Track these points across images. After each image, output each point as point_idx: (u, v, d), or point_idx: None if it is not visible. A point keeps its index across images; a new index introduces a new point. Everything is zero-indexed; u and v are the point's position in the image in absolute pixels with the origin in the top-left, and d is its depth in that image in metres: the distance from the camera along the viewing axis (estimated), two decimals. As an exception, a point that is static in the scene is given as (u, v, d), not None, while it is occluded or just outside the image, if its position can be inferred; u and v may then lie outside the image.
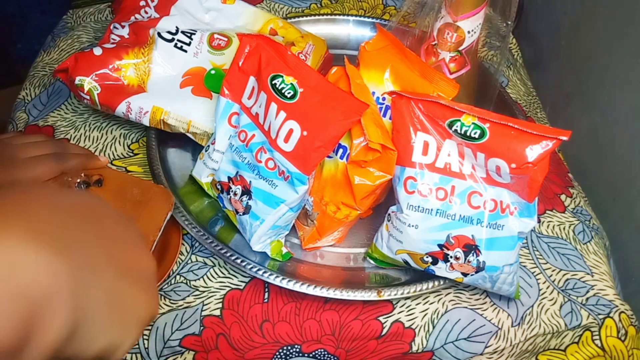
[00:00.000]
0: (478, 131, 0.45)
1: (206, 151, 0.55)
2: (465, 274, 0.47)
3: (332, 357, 0.50)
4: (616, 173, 0.75)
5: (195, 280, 0.52)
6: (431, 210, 0.47)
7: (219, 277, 0.52)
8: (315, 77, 0.49)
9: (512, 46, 0.82)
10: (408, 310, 0.51)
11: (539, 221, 0.59)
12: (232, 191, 0.52)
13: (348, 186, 0.51)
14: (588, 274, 0.55)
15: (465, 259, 0.47)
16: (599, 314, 0.52)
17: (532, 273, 0.55)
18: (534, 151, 0.43)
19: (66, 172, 0.52)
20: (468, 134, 0.45)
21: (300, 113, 0.47)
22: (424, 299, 0.52)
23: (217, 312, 0.50)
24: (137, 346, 0.48)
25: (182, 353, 0.49)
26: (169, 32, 0.59)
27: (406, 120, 0.48)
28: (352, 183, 0.50)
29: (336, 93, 0.48)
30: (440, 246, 0.47)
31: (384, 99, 0.53)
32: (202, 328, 0.49)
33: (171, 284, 0.51)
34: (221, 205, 0.54)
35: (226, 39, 0.60)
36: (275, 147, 0.48)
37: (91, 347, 0.25)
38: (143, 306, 0.29)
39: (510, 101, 0.67)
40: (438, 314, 0.51)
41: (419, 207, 0.47)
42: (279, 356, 0.50)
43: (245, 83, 0.52)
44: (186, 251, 0.53)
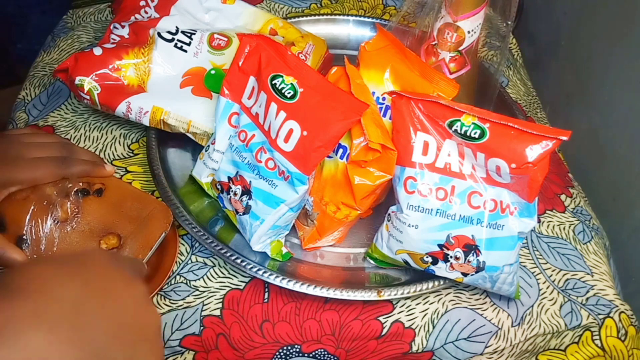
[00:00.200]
0: (478, 131, 0.45)
1: (206, 151, 0.55)
2: (465, 274, 0.47)
3: (332, 357, 0.50)
4: (616, 173, 0.75)
5: (195, 280, 0.52)
6: (431, 210, 0.47)
7: (219, 277, 0.52)
8: (315, 77, 0.49)
9: (512, 46, 0.82)
10: (408, 310, 0.51)
11: (539, 221, 0.59)
12: (232, 191, 0.52)
13: (348, 186, 0.51)
14: (588, 274, 0.55)
15: (465, 259, 0.47)
16: (599, 314, 0.52)
17: (532, 273, 0.55)
18: (534, 151, 0.43)
19: (67, 178, 0.52)
20: (468, 134, 0.45)
21: (300, 113, 0.47)
22: (424, 299, 0.52)
23: (217, 312, 0.50)
24: (137, 346, 0.48)
25: (182, 353, 0.49)
26: (169, 32, 0.59)
27: (406, 120, 0.48)
28: (352, 183, 0.50)
29: (336, 93, 0.48)
30: (440, 246, 0.47)
31: (384, 99, 0.53)
32: (202, 328, 0.49)
33: (171, 284, 0.51)
34: (221, 205, 0.54)
35: (226, 39, 0.60)
36: (275, 147, 0.48)
37: None
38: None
39: (510, 101, 0.67)
40: (438, 314, 0.51)
41: (419, 207, 0.47)
42: (279, 356, 0.50)
43: (245, 83, 0.52)
44: (186, 251, 0.53)
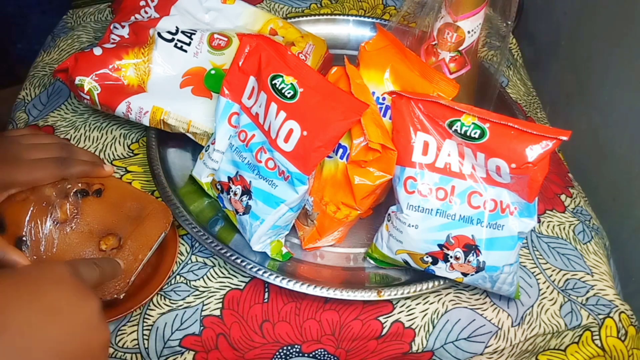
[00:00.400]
0: (478, 131, 0.45)
1: (206, 151, 0.55)
2: (465, 274, 0.47)
3: (332, 357, 0.50)
4: (616, 173, 0.75)
5: (195, 280, 0.52)
6: (431, 210, 0.47)
7: (219, 277, 0.52)
8: (315, 77, 0.49)
9: (512, 46, 0.82)
10: (408, 310, 0.51)
11: (539, 221, 0.59)
12: (232, 191, 0.52)
13: (348, 186, 0.51)
14: (588, 274, 0.55)
15: (465, 259, 0.47)
16: (599, 314, 0.52)
17: (532, 273, 0.55)
18: (534, 151, 0.43)
19: (66, 179, 0.52)
20: (468, 134, 0.45)
21: (300, 113, 0.47)
22: (424, 299, 0.52)
23: (217, 312, 0.50)
24: (137, 346, 0.48)
25: (182, 353, 0.49)
26: (169, 32, 0.59)
27: (406, 120, 0.48)
28: (352, 183, 0.50)
29: (336, 93, 0.48)
30: (440, 246, 0.47)
31: (384, 99, 0.53)
32: (202, 328, 0.49)
33: (171, 284, 0.51)
34: (221, 205, 0.54)
35: (226, 39, 0.60)
36: (275, 147, 0.48)
37: None
38: None
39: (510, 101, 0.67)
40: (438, 314, 0.51)
41: (419, 207, 0.47)
42: (279, 356, 0.50)
43: (245, 83, 0.52)
44: (186, 251, 0.53)
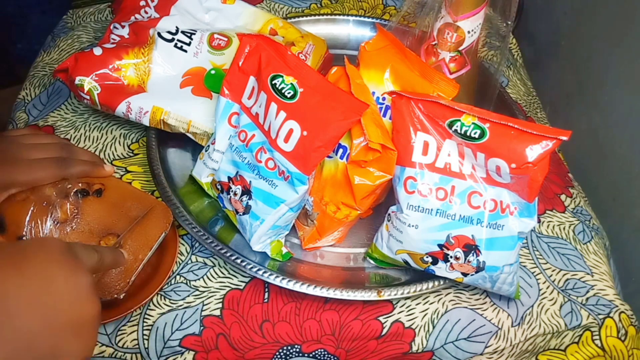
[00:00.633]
0: (478, 131, 0.45)
1: (206, 151, 0.55)
2: (465, 274, 0.47)
3: (332, 357, 0.50)
4: (616, 173, 0.75)
5: (195, 280, 0.52)
6: (431, 210, 0.47)
7: (219, 277, 0.52)
8: (315, 77, 0.49)
9: (512, 46, 0.82)
10: (408, 310, 0.51)
11: (539, 221, 0.59)
12: (232, 191, 0.52)
13: (348, 186, 0.51)
14: (588, 274, 0.55)
15: (465, 259, 0.47)
16: (599, 314, 0.52)
17: (532, 273, 0.55)
18: (534, 151, 0.43)
19: (67, 178, 0.52)
20: (468, 134, 0.45)
21: (300, 113, 0.47)
22: (424, 299, 0.52)
23: (217, 312, 0.50)
24: (137, 346, 0.48)
25: (182, 353, 0.49)
26: (169, 32, 0.59)
27: (406, 120, 0.48)
28: (352, 183, 0.50)
29: (336, 93, 0.48)
30: (440, 246, 0.47)
31: (384, 99, 0.53)
32: (202, 328, 0.49)
33: (171, 284, 0.51)
34: (221, 205, 0.54)
35: (226, 39, 0.60)
36: (275, 147, 0.48)
37: None
38: (73, 353, 0.33)
39: (510, 101, 0.67)
40: (438, 314, 0.51)
41: (419, 207, 0.47)
42: (279, 356, 0.50)
43: (245, 83, 0.52)
44: (186, 251, 0.53)
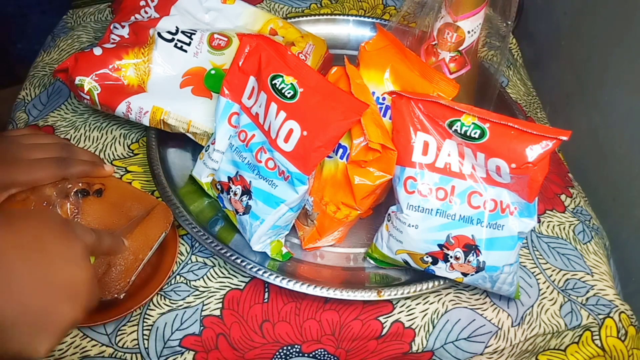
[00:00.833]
0: (478, 131, 0.45)
1: (206, 151, 0.55)
2: (465, 274, 0.47)
3: (332, 357, 0.50)
4: (616, 173, 0.75)
5: (195, 280, 0.52)
6: (431, 210, 0.47)
7: (219, 277, 0.52)
8: (315, 77, 0.49)
9: (512, 46, 0.82)
10: (408, 310, 0.51)
11: (539, 221, 0.59)
12: (232, 191, 0.52)
13: (348, 186, 0.51)
14: (588, 274, 0.55)
15: (465, 259, 0.47)
16: (599, 314, 0.52)
17: (532, 273, 0.55)
18: (534, 151, 0.43)
19: (67, 178, 0.52)
20: (468, 134, 0.45)
21: (300, 113, 0.47)
22: (424, 299, 0.52)
23: (217, 312, 0.50)
24: (137, 346, 0.48)
25: (182, 353, 0.49)
26: (169, 32, 0.59)
27: (406, 120, 0.48)
28: (352, 183, 0.50)
29: (336, 93, 0.48)
30: (440, 246, 0.47)
31: (384, 99, 0.53)
32: (202, 328, 0.49)
33: (171, 284, 0.51)
34: (221, 205, 0.54)
35: (226, 39, 0.60)
36: (275, 147, 0.48)
37: (8, 346, 0.31)
38: (64, 315, 0.33)
39: (510, 101, 0.67)
40: (438, 314, 0.51)
41: (419, 207, 0.47)
42: (279, 356, 0.50)
43: (245, 83, 0.52)
44: (186, 251, 0.53)
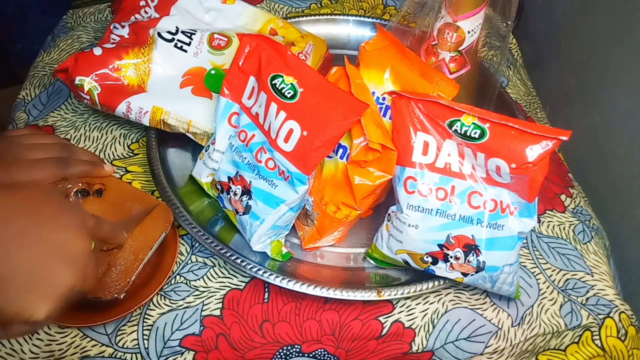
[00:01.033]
0: (478, 131, 0.45)
1: (206, 151, 0.55)
2: (465, 274, 0.47)
3: (332, 357, 0.50)
4: (616, 173, 0.75)
5: (195, 280, 0.52)
6: (431, 210, 0.47)
7: (219, 277, 0.52)
8: (315, 77, 0.49)
9: (512, 46, 0.82)
10: (408, 310, 0.51)
11: (539, 221, 0.59)
12: (232, 191, 0.52)
13: (348, 186, 0.51)
14: (588, 274, 0.55)
15: (465, 259, 0.47)
16: (599, 314, 0.52)
17: (532, 273, 0.55)
18: (534, 151, 0.43)
19: (67, 178, 0.52)
20: (468, 134, 0.45)
21: (300, 113, 0.47)
22: (424, 299, 0.52)
23: (217, 312, 0.50)
24: (137, 346, 0.48)
25: (182, 353, 0.49)
26: (169, 32, 0.59)
27: (406, 120, 0.48)
28: (352, 183, 0.50)
29: (336, 93, 0.48)
30: (440, 246, 0.47)
31: (384, 99, 0.53)
32: (202, 328, 0.49)
33: (171, 284, 0.51)
34: (221, 205, 0.54)
35: (226, 39, 0.60)
36: (275, 147, 0.48)
37: (8, 307, 0.33)
38: (61, 277, 0.35)
39: (510, 101, 0.67)
40: (438, 314, 0.51)
41: (419, 207, 0.47)
42: (279, 356, 0.50)
43: (245, 83, 0.52)
44: (186, 251, 0.53)
